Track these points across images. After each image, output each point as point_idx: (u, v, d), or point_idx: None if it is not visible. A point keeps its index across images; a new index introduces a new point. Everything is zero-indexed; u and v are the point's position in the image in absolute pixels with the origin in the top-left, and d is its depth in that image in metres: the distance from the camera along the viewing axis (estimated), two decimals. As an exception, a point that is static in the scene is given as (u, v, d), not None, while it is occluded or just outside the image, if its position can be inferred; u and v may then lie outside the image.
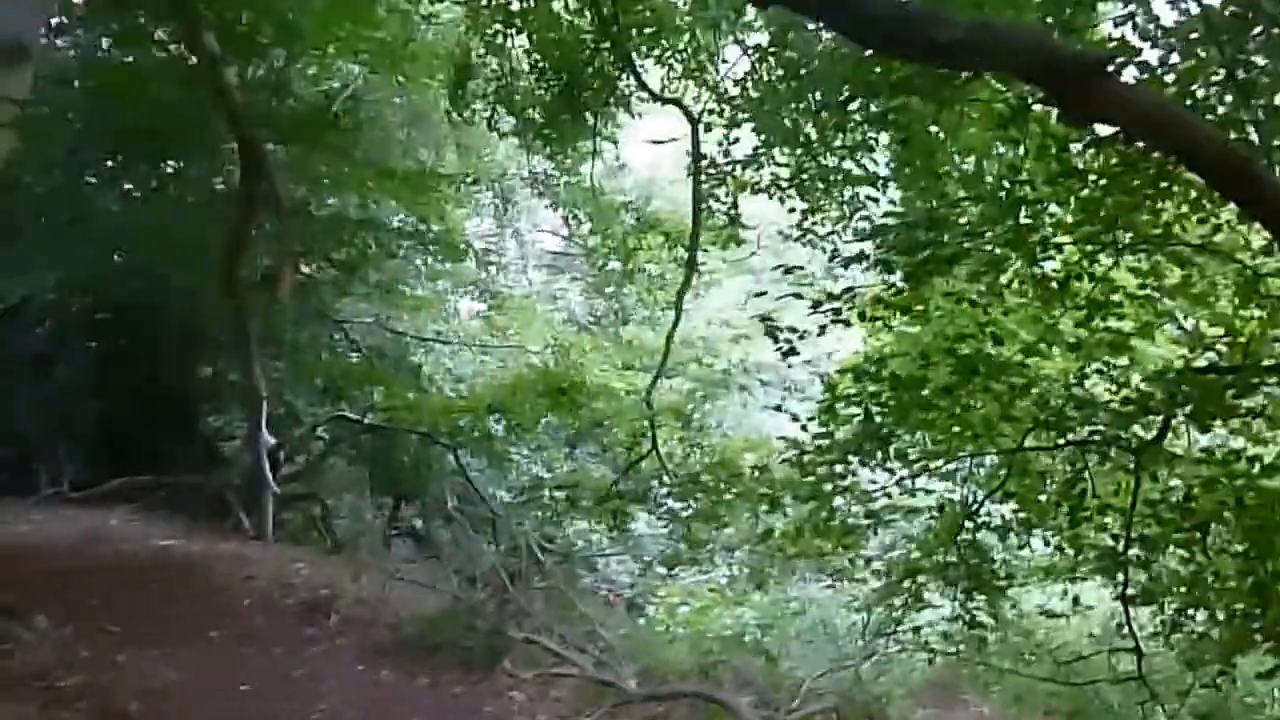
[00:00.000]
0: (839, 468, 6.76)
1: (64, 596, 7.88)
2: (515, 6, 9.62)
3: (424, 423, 10.76)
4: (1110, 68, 3.25)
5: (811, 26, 7.48)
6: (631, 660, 8.31)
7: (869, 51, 5.71)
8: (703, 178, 9.25)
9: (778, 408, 8.11)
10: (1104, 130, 4.38)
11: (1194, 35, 4.58)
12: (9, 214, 12.36)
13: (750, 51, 8.88)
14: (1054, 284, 5.49)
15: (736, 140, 8.97)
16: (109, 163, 12.01)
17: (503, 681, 7.33)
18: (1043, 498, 6.61)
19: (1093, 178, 5.05)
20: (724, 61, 9.35)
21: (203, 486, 11.45)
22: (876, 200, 8.03)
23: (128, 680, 6.30)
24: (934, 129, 6.89)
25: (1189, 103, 4.50)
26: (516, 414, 10.36)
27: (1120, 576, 6.06)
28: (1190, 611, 6.10)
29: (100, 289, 12.01)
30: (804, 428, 6.96)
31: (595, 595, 11.11)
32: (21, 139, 11.39)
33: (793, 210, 8.62)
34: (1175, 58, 4.62)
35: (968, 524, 6.93)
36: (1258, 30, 4.48)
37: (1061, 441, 6.05)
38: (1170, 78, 4.59)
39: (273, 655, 7.19)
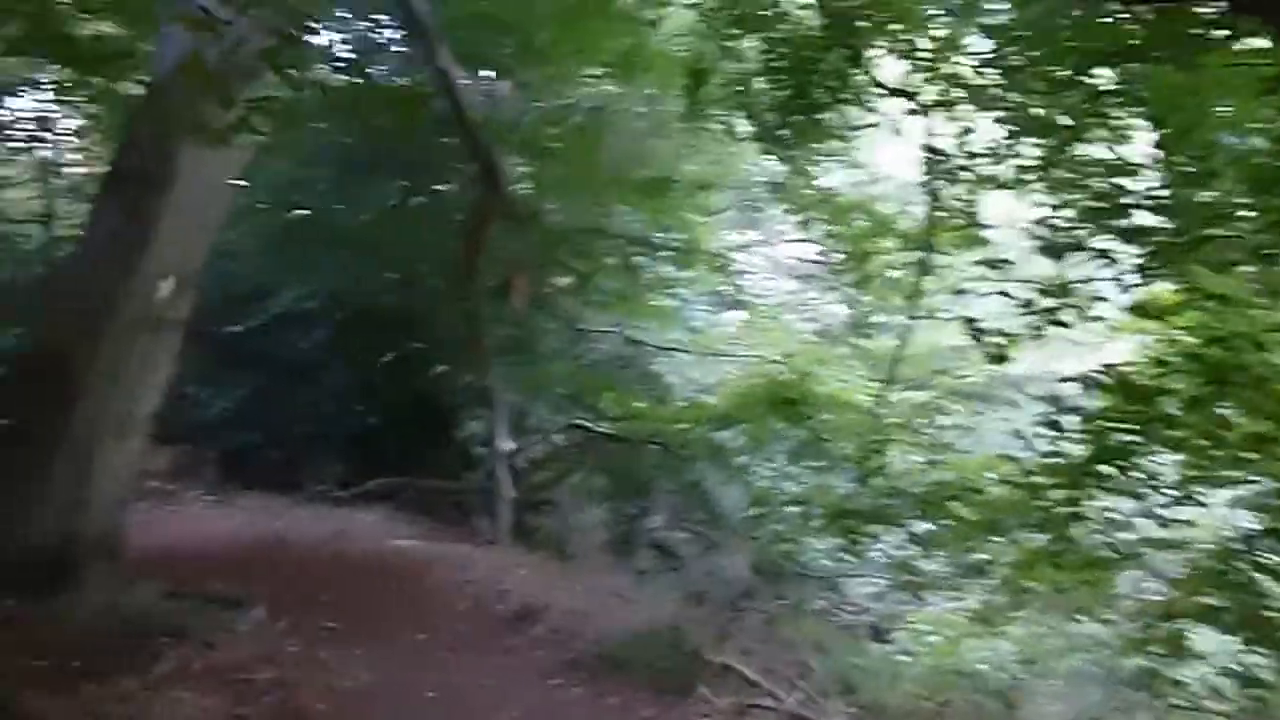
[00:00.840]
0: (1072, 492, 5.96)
1: (291, 591, 8.16)
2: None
3: (657, 432, 10.56)
4: None
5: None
6: (850, 694, 7.70)
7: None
8: (938, 173, 8.52)
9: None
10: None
11: None
12: (283, 228, 13.23)
13: (990, 33, 8.05)
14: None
15: (974, 130, 8.20)
16: (368, 176, 12.52)
17: (697, 708, 6.91)
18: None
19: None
20: (962, 48, 8.55)
21: (447, 490, 11.71)
22: (1131, 191, 7.06)
23: (320, 678, 6.35)
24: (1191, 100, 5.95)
25: None
26: (745, 425, 9.97)
27: None
28: None
29: (362, 299, 12.57)
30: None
31: (834, 618, 10.48)
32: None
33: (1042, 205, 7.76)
34: None
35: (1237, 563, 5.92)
36: None
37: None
38: None
39: (469, 662, 7.12)
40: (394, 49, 12.01)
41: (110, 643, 6.08)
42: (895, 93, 9.05)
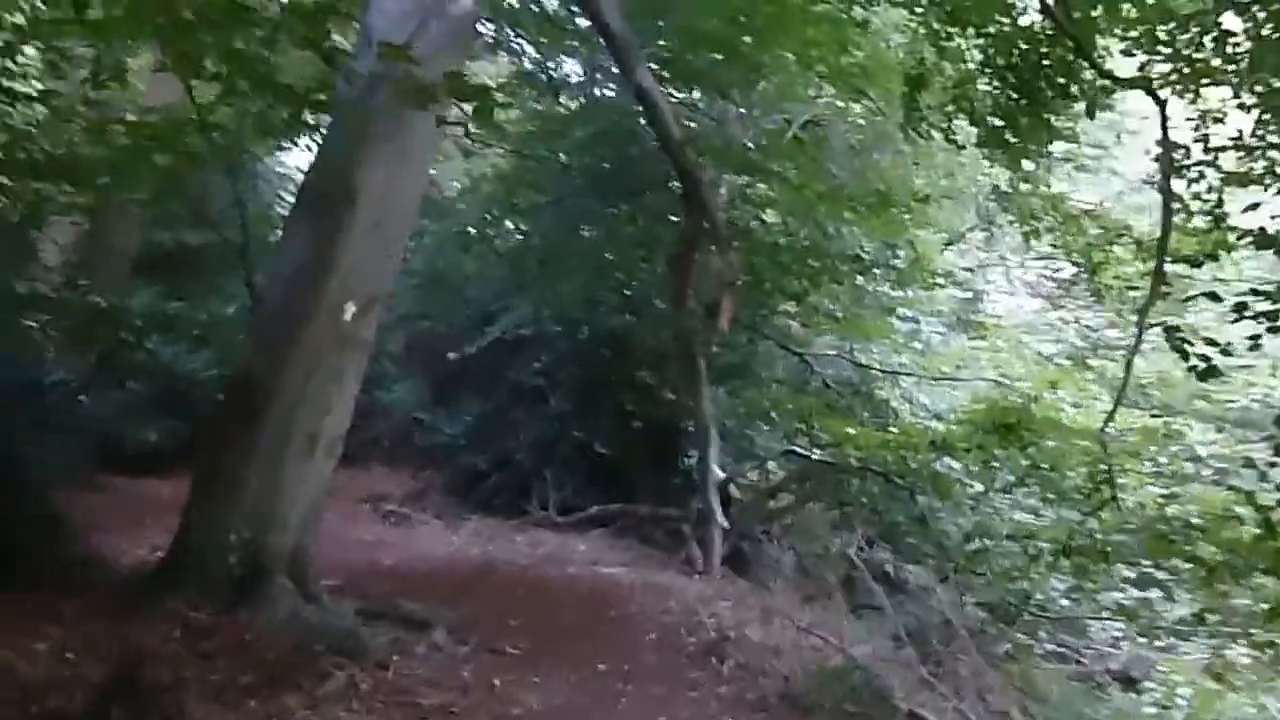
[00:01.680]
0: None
1: (483, 614, 8.11)
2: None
3: (877, 459, 9.93)
4: None
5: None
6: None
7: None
8: (1177, 171, 7.56)
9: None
10: None
11: None
12: (510, 254, 13.46)
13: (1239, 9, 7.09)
14: None
15: (1223, 119, 7.24)
16: (589, 202, 12.56)
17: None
18: None
19: None
20: (1209, 26, 7.56)
21: (664, 517, 11.47)
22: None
23: (487, 704, 6.21)
24: None
25: None
26: (962, 452, 9.19)
27: None
28: None
29: (584, 324, 12.59)
30: None
31: (1067, 664, 9.50)
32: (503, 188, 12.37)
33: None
34: None
35: None
36: None
37: None
38: None
39: (645, 695, 6.79)
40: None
41: (284, 658, 6.13)
42: (1129, 84, 8.16)
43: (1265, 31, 7.01)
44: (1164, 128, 7.68)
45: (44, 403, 9.39)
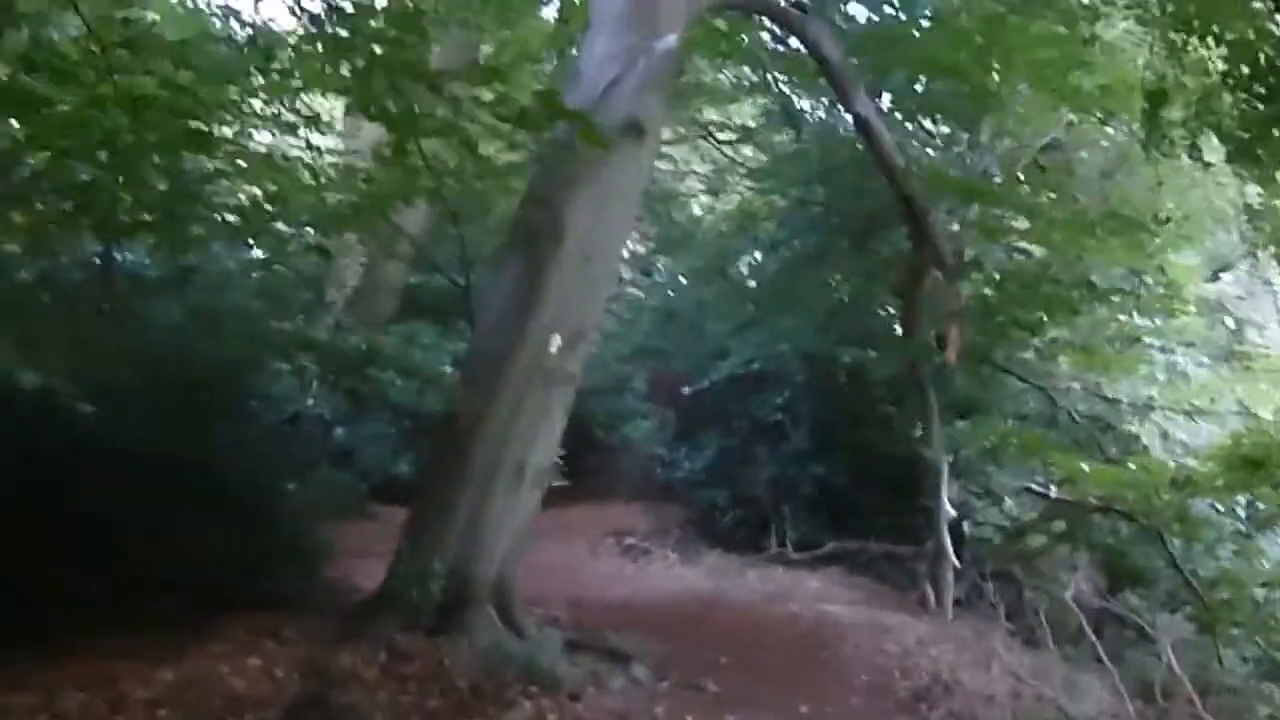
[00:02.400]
0: None
1: (693, 650, 8.08)
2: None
3: (1121, 498, 9.14)
4: None
5: None
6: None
7: None
8: None
9: None
10: None
11: None
12: (745, 289, 13.45)
13: None
14: None
15: None
16: (824, 237, 12.37)
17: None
18: None
19: None
20: None
21: (900, 555, 11.04)
22: None
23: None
24: None
25: None
26: (1207, 490, 8.30)
27: None
28: None
29: (822, 358, 12.38)
30: None
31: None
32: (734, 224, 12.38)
33: None
34: None
35: None
36: None
37: None
38: None
39: (842, 742, 6.47)
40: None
41: (476, 686, 6.29)
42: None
43: None
44: None
45: (302, 437, 10.09)
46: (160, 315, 8.10)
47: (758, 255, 13.93)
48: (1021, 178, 10.17)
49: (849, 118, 12.36)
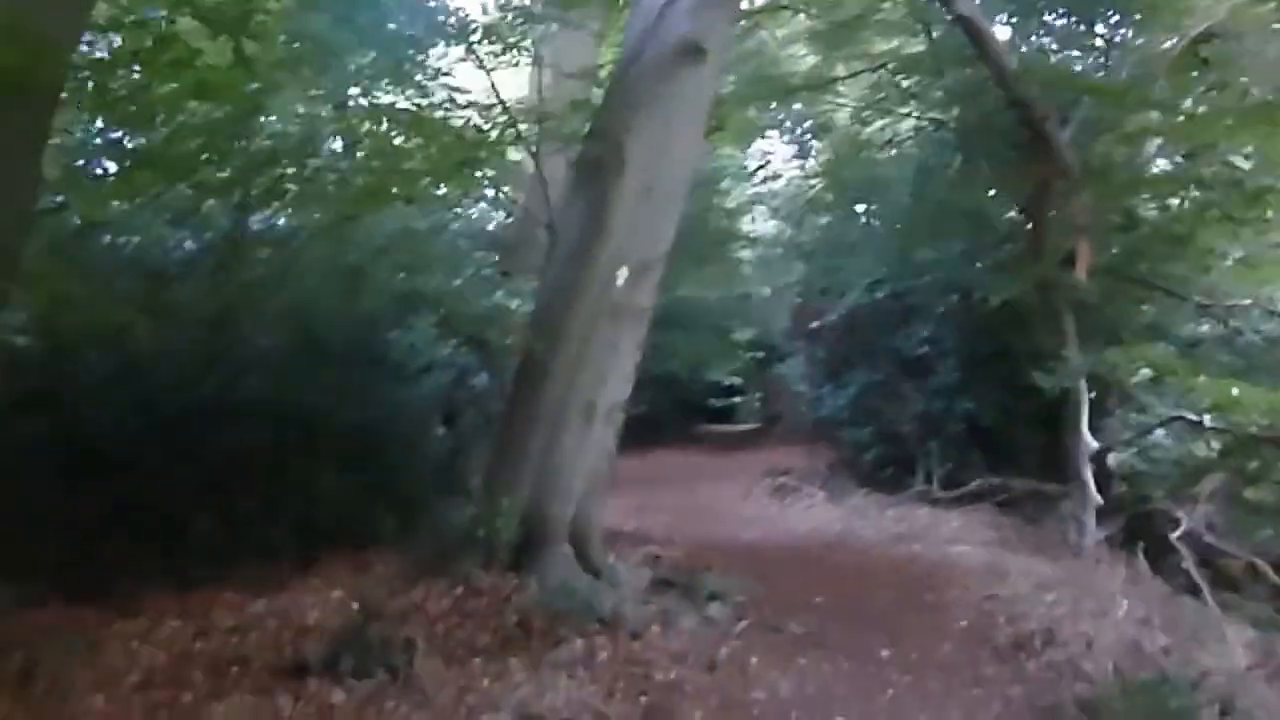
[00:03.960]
0: None
1: (789, 591, 7.88)
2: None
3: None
4: None
5: None
6: None
7: None
8: None
9: None
10: None
11: None
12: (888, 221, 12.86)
13: None
14: None
15: None
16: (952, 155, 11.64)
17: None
18: None
19: None
20: None
21: (1044, 493, 10.30)
22: None
23: (728, 687, 6.00)
24: None
25: None
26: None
27: None
28: None
29: (966, 289, 11.71)
30: None
31: None
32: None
33: None
34: None
35: None
36: None
37: None
38: None
39: (920, 691, 6.16)
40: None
41: (529, 623, 6.23)
42: None
43: None
44: None
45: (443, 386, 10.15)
46: (308, 276, 8.37)
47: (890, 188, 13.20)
48: (1163, 76, 9.08)
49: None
